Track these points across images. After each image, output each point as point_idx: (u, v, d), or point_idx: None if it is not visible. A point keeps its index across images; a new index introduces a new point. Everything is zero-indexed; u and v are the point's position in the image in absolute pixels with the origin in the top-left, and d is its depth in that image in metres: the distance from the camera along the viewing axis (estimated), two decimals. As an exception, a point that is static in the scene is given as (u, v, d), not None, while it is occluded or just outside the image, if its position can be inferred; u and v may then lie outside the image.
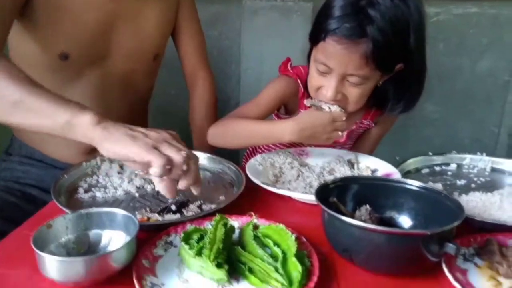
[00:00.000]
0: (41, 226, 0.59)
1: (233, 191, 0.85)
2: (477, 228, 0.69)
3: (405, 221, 0.69)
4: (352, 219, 0.58)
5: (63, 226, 0.62)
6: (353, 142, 1.13)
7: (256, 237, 0.64)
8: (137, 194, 0.83)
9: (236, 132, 0.99)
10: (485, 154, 1.02)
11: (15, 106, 0.71)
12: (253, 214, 0.72)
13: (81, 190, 0.82)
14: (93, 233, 0.64)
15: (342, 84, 0.88)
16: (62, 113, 0.70)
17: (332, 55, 0.85)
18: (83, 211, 0.64)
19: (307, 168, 0.94)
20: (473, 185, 0.90)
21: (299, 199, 0.83)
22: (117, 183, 0.85)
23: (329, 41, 0.84)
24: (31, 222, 0.72)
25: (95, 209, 0.65)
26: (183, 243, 0.61)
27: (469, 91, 1.81)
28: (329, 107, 0.90)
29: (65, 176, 0.85)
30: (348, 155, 0.99)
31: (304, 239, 0.66)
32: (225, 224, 0.64)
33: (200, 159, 0.98)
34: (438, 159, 1.00)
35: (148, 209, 0.76)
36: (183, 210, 0.76)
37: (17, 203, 0.97)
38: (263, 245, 0.63)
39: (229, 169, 0.94)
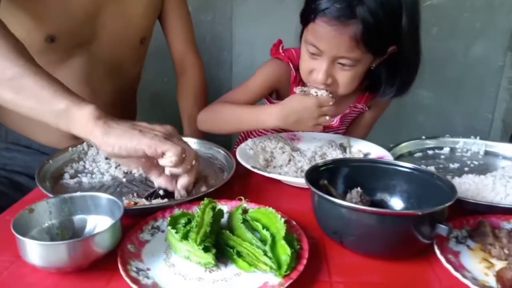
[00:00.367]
0: (22, 210, 0.58)
1: (223, 176, 0.83)
2: (470, 211, 0.68)
3: (397, 203, 0.68)
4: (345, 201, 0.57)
5: (45, 211, 0.60)
6: (346, 127, 1.12)
7: (245, 221, 0.63)
8: (124, 180, 0.81)
9: (225, 118, 0.97)
10: (478, 138, 1.01)
11: (9, 81, 0.67)
12: (243, 198, 0.70)
13: (66, 176, 0.80)
14: (77, 218, 0.63)
15: (333, 67, 0.86)
16: (61, 99, 0.67)
17: (322, 37, 0.83)
18: (66, 195, 0.62)
19: (298, 152, 0.93)
20: (466, 169, 0.89)
21: (289, 183, 0.81)
22: (104, 168, 0.83)
23: (319, 22, 0.82)
24: (14, 209, 0.70)
25: (79, 194, 0.63)
26: (169, 228, 0.59)
27: (462, 77, 1.80)
28: (316, 92, 0.87)
29: (50, 161, 0.83)
30: (340, 139, 0.98)
31: (294, 223, 0.65)
32: (213, 208, 0.63)
33: (189, 144, 0.97)
34: (431, 142, 0.99)
35: (135, 194, 0.74)
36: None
37: (3, 190, 0.95)
38: (252, 229, 0.62)
39: (219, 154, 0.92)
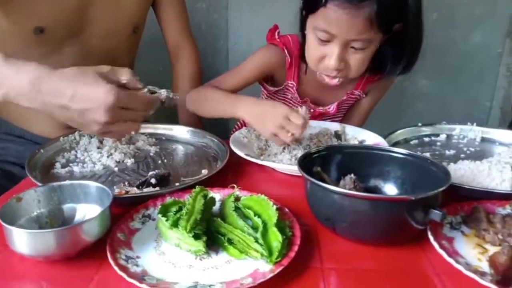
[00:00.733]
0: (10, 199, 0.57)
1: (217, 164, 0.82)
2: (465, 197, 0.67)
3: (391, 189, 0.67)
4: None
5: (34, 200, 0.59)
6: (343, 114, 1.11)
7: (237, 209, 0.62)
8: (116, 169, 0.80)
9: (208, 101, 0.96)
10: (475, 124, 1.00)
11: None
12: (235, 186, 0.69)
13: (58, 165, 0.79)
14: (67, 207, 0.62)
15: (345, 50, 0.85)
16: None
17: (334, 21, 0.81)
18: (55, 183, 0.61)
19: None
20: (462, 155, 0.88)
21: (283, 170, 0.80)
22: (96, 157, 0.82)
23: (331, 7, 0.80)
24: (3, 198, 0.69)
25: (67, 182, 0.62)
26: (160, 216, 0.58)
27: (461, 64, 1.78)
28: (299, 107, 0.83)
29: (41, 151, 0.82)
30: (335, 127, 0.97)
31: (286, 210, 0.64)
32: (205, 196, 0.62)
33: (183, 132, 0.97)
34: (428, 129, 0.98)
35: (127, 183, 0.73)
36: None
37: (-4, 180, 0.94)
38: (244, 216, 0.61)
39: (213, 142, 0.91)
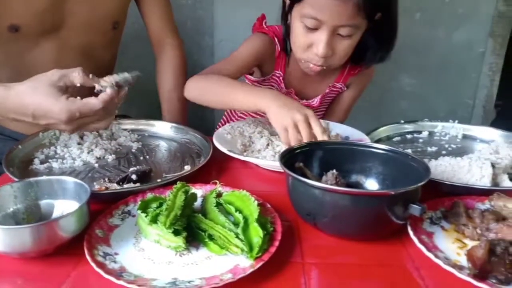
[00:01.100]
0: (-16, 195, 0.55)
1: (200, 160, 0.82)
2: (446, 192, 0.68)
3: (372, 185, 0.67)
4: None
5: (10, 195, 0.58)
6: (326, 108, 1.11)
7: (219, 204, 0.62)
8: (96, 165, 0.79)
9: (217, 89, 0.91)
10: (457, 122, 1.01)
11: None
12: (218, 182, 0.69)
13: (36, 161, 0.78)
14: (44, 203, 0.61)
15: (333, 37, 0.85)
16: None
17: (323, 7, 0.81)
18: (32, 179, 0.60)
19: (277, 137, 0.91)
20: (444, 152, 0.89)
21: (266, 166, 0.80)
22: (75, 153, 0.81)
23: None
24: (-21, 195, 0.67)
25: (44, 177, 0.61)
26: (139, 212, 0.58)
27: (444, 63, 1.81)
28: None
29: (20, 146, 0.80)
30: (319, 124, 0.97)
31: (268, 206, 0.64)
32: (186, 192, 0.61)
33: (166, 129, 0.96)
34: (410, 127, 0.99)
35: (107, 179, 0.72)
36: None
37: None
38: (226, 212, 0.61)
39: (196, 138, 0.90)
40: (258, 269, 0.50)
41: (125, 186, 0.69)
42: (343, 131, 0.93)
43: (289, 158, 0.65)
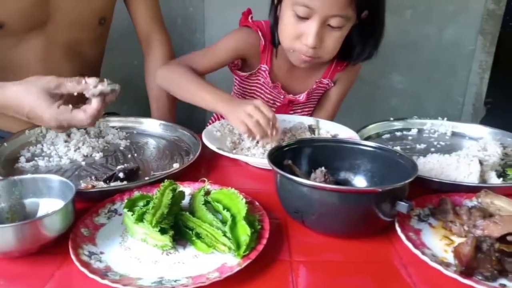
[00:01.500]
0: (-33, 194, 0.54)
1: (189, 158, 0.81)
2: (434, 190, 0.68)
3: (360, 182, 0.67)
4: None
5: (-7, 194, 0.57)
6: (314, 105, 1.12)
7: (207, 203, 0.61)
8: (83, 163, 0.78)
9: (181, 84, 0.93)
10: (446, 119, 1.02)
11: None
12: (206, 180, 0.68)
13: (22, 159, 0.77)
14: (29, 201, 0.60)
15: (323, 28, 0.85)
16: None
17: None
18: (16, 177, 0.59)
19: (267, 134, 0.91)
20: (432, 149, 0.89)
21: (255, 164, 0.80)
22: (62, 151, 0.80)
23: None
24: (-38, 193, 0.66)
25: (29, 176, 0.60)
26: (125, 210, 0.57)
27: (434, 61, 1.82)
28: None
29: (5, 144, 0.79)
30: (309, 121, 0.96)
31: (257, 203, 0.63)
32: (173, 190, 0.61)
33: (154, 126, 0.95)
34: (399, 124, 1.00)
35: (94, 177, 0.71)
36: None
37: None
38: (214, 210, 0.60)
39: (185, 136, 0.90)
40: (245, 267, 0.50)
41: (112, 184, 0.68)
42: (332, 128, 0.93)
43: (277, 155, 0.65)
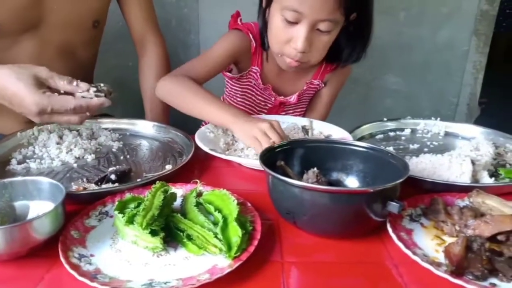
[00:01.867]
0: (-45, 196, 0.54)
1: (182, 160, 0.81)
2: (427, 190, 0.68)
3: (353, 183, 0.67)
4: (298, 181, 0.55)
5: (-17, 197, 0.57)
6: (305, 105, 1.12)
7: (199, 204, 0.61)
8: (75, 165, 0.77)
9: (185, 99, 0.91)
10: (439, 119, 1.02)
11: None
12: (198, 181, 0.68)
13: (13, 162, 0.76)
14: (19, 204, 0.59)
15: (312, 33, 0.86)
16: None
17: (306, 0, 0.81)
18: (6, 180, 0.59)
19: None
20: (425, 149, 0.89)
21: (248, 165, 0.80)
22: (54, 153, 0.79)
23: None
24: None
25: (19, 178, 0.60)
26: (116, 212, 0.56)
27: (428, 62, 1.82)
28: None
29: (-4, 147, 0.78)
30: (302, 122, 0.96)
31: (249, 205, 0.63)
32: (165, 192, 0.60)
33: (147, 127, 0.95)
34: (392, 124, 1.00)
35: (85, 180, 0.71)
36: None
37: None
38: (206, 212, 0.60)
39: (178, 137, 0.89)
40: (236, 269, 0.50)
41: (104, 186, 0.68)
42: (325, 129, 0.93)
43: (270, 156, 0.64)
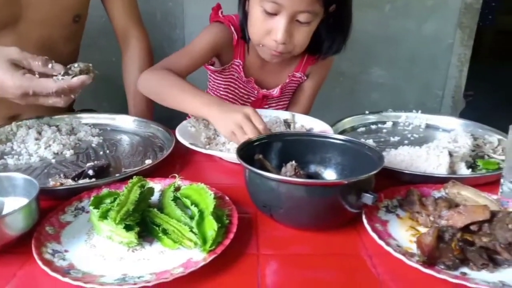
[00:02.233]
0: None
1: (163, 154, 0.80)
2: (405, 181, 0.69)
3: (330, 175, 0.67)
4: (276, 174, 0.56)
5: (-45, 194, 0.56)
6: (288, 99, 1.12)
7: (176, 199, 0.61)
8: (53, 161, 0.77)
9: (162, 89, 0.90)
10: (420, 112, 1.03)
11: None
12: (177, 175, 0.68)
13: (-10, 158, 0.75)
14: (-7, 201, 0.59)
15: (291, 24, 0.85)
16: None
17: None
18: (-21, 177, 0.58)
19: (242, 129, 0.91)
20: (406, 142, 0.90)
21: (229, 159, 0.80)
22: (32, 149, 0.79)
23: None
24: None
25: (-8, 175, 0.59)
26: (91, 208, 0.56)
27: (414, 55, 1.83)
28: None
29: (-27, 143, 0.77)
30: (285, 115, 0.97)
31: (227, 198, 0.63)
32: (142, 186, 0.60)
33: (128, 122, 0.94)
34: (374, 117, 1.00)
35: (63, 175, 0.70)
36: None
37: None
38: (184, 206, 0.60)
39: (159, 132, 0.89)
40: (212, 262, 0.50)
41: (81, 181, 0.68)
42: (307, 122, 0.93)
43: (247, 150, 0.64)
